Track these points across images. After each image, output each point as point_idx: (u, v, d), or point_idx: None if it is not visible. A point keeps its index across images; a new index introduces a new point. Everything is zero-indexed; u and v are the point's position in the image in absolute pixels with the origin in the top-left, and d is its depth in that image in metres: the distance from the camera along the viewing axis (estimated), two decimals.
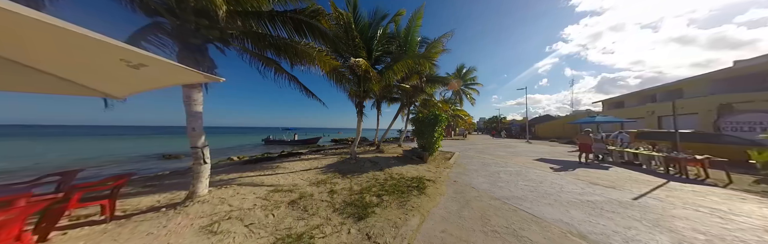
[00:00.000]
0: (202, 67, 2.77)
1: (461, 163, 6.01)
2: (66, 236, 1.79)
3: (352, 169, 4.88)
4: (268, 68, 4.17)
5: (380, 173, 4.47)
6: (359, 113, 6.08)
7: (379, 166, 5.27)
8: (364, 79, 5.43)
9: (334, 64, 3.95)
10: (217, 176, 4.07)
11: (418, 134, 6.69)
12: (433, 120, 6.10)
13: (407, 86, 7.61)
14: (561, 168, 5.23)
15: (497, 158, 6.95)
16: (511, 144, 13.06)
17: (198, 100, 2.72)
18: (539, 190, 3.35)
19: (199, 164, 2.67)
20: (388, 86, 7.30)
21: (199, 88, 2.74)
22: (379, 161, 5.80)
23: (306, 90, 5.00)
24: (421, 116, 6.65)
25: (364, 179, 3.99)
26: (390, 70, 5.51)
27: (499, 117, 42.31)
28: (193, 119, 2.66)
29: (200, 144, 2.70)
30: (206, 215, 2.26)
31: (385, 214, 2.40)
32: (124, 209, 2.39)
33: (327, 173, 4.46)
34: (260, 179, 3.91)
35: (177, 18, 2.47)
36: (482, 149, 10.13)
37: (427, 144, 6.15)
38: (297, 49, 3.44)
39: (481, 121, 72.99)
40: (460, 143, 13.68)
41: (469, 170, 5.03)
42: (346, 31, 5.30)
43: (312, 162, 5.80)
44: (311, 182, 3.75)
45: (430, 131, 6.04)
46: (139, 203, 2.61)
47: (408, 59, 5.50)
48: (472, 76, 18.57)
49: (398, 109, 9.85)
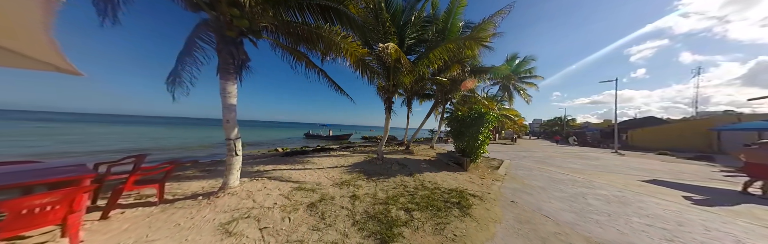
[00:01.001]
0: (237, 60, 2.79)
1: (516, 175, 4.76)
2: (122, 216, 2.00)
3: (378, 171, 4.46)
4: (298, 62, 4.13)
5: (409, 179, 3.88)
6: (387, 110, 5.54)
7: (408, 170, 4.67)
8: (393, 71, 4.81)
9: (360, 52, 3.46)
10: (256, 167, 4.38)
11: (456, 136, 5.69)
12: (477, 119, 4.99)
13: (444, 79, 6.52)
14: (709, 201, 3.28)
15: (572, 173, 5.24)
16: (588, 154, 10.08)
17: (232, 93, 2.75)
18: (684, 239, 2.02)
19: (232, 156, 2.73)
20: (421, 79, 6.45)
21: (233, 80, 2.77)
22: (408, 164, 5.19)
23: (335, 85, 4.83)
24: (461, 114, 5.60)
25: (391, 185, 3.49)
26: (425, 60, 4.67)
27: (565, 119, 33.24)
28: (228, 111, 2.71)
29: (233, 136, 2.75)
30: (229, 210, 2.23)
31: (417, 240, 1.82)
32: (175, 193, 2.66)
33: (352, 173, 4.19)
34: (289, 173, 3.95)
35: (214, 10, 2.50)
36: (542, 157, 8.08)
37: (469, 148, 5.11)
38: (323, 37, 3.15)
39: (535, 123, 60.99)
40: (508, 149, 11.52)
41: (531, 186, 3.84)
42: (375, 16, 4.71)
43: (339, 159, 5.72)
44: (335, 182, 3.52)
45: (472, 133, 4.98)
46: (189, 188, 2.90)
47: (449, 43, 4.49)
48: (528, 68, 15.15)
49: (431, 107, 8.84)
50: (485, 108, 5.44)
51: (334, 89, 4.96)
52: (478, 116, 4.98)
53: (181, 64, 3.33)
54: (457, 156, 5.32)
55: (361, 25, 3.35)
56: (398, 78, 4.99)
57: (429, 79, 6.61)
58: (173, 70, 3.32)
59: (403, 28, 5.41)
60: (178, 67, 3.32)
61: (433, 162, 5.73)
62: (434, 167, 5.14)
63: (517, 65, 14.65)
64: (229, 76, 2.74)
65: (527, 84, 15.42)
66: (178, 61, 3.30)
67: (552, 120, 36.62)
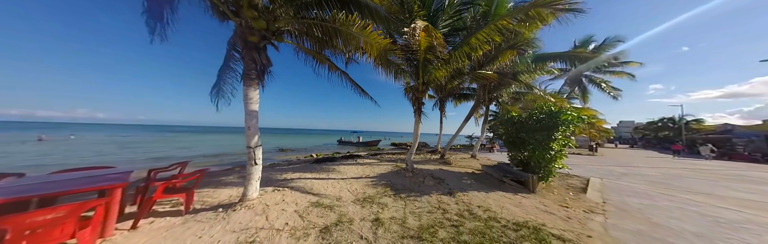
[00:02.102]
0: (258, 65, 2.75)
1: (626, 205, 3.13)
2: (149, 226, 2.02)
3: (408, 185, 3.72)
4: (321, 65, 4.01)
5: (449, 200, 2.99)
6: (417, 113, 4.75)
7: (446, 185, 3.74)
8: (423, 66, 4.05)
9: (382, 43, 2.91)
10: (285, 174, 4.38)
11: (512, 143, 4.37)
12: (545, 120, 3.65)
13: (489, 73, 5.25)
14: None
15: (746, 209, 3.10)
16: (751, 174, 6.36)
17: (254, 99, 2.70)
18: None
19: (251, 166, 2.62)
20: (458, 75, 5.38)
21: (255, 86, 2.73)
22: (445, 178, 4.23)
23: (358, 87, 4.52)
24: (521, 115, 4.29)
25: (425, 206, 2.72)
26: (465, 47, 3.72)
27: (682, 119, 20.70)
28: (249, 118, 2.65)
29: (253, 144, 2.65)
30: (238, 230, 2.00)
31: None
32: (204, 202, 2.70)
33: (377, 186, 3.60)
34: (312, 183, 3.71)
35: (238, 16, 2.54)
36: (660, 177, 5.47)
37: (534, 160, 3.77)
38: (341, 31, 2.83)
39: (622, 126, 45.95)
40: (588, 161, 8.50)
41: (673, 230, 2.32)
42: (401, 3, 4.10)
43: (365, 168, 5.26)
44: (357, 198, 3.01)
45: (540, 139, 3.65)
46: (219, 196, 2.94)
47: (501, 20, 3.31)
48: (612, 53, 11.31)
49: (471, 109, 7.47)
50: (553, 106, 3.98)
51: (357, 93, 4.68)
52: (547, 117, 3.65)
53: (222, 77, 3.66)
54: (515, 171, 4.01)
55: (384, 17, 2.90)
56: (430, 74, 4.23)
57: (469, 73, 5.35)
58: (216, 83, 3.68)
59: (435, 15, 4.59)
60: (219, 80, 3.67)
61: (479, 177, 4.53)
62: (482, 183, 3.99)
63: (595, 50, 11.12)
64: (251, 81, 2.71)
65: (615, 74, 11.20)
66: (219, 75, 3.64)
67: (655, 122, 25.19)
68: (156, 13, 2.68)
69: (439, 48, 3.28)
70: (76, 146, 12.58)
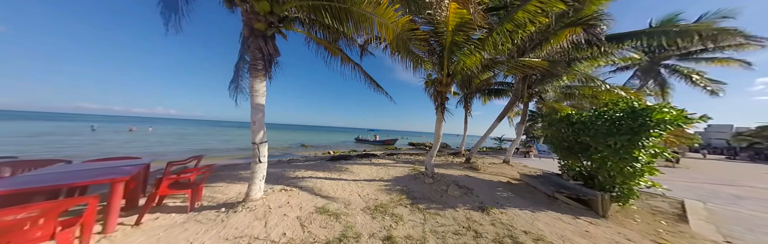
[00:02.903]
0: (265, 55, 2.53)
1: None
2: (152, 223, 1.95)
3: (428, 193, 3.16)
4: (333, 57, 3.68)
5: (482, 218, 2.37)
6: (440, 109, 4.03)
7: (476, 198, 3.06)
8: (449, 52, 3.34)
9: (399, 23, 2.26)
10: (298, 171, 4.26)
11: (569, 150, 3.41)
12: (629, 122, 2.65)
13: (537, 61, 4.13)
14: None
15: None
16: None
17: (260, 91, 2.50)
18: None
19: (256, 163, 2.43)
20: (491, 65, 4.35)
21: (262, 77, 2.52)
22: (474, 188, 3.53)
23: (372, 81, 4.09)
24: (581, 114, 3.29)
25: (450, 225, 2.17)
26: (507, 24, 2.89)
27: None
28: (255, 112, 2.45)
29: (258, 140, 2.45)
30: (232, 237, 1.78)
31: None
32: (212, 198, 2.62)
33: (391, 192, 3.15)
34: (322, 184, 3.45)
35: (245, 2, 2.33)
36: None
37: (606, 174, 2.82)
38: (352, 12, 2.39)
39: (712, 130, 35.56)
40: (670, 175, 6.28)
41: None
42: None
43: (380, 169, 4.84)
44: (367, 205, 2.61)
45: (617, 147, 2.67)
46: (229, 192, 2.86)
47: None
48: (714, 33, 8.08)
49: (507, 105, 6.34)
50: (638, 102, 2.87)
51: (372, 88, 4.25)
52: (627, 116, 2.64)
53: (238, 72, 3.64)
54: (573, 185, 3.08)
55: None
56: (457, 63, 3.51)
57: (508, 61, 4.12)
58: (233, 78, 3.68)
59: None
60: (236, 75, 3.65)
61: (518, 189, 3.68)
62: (523, 198, 3.18)
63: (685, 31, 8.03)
64: (258, 73, 2.50)
65: (719, 62, 7.93)
66: (235, 69, 3.62)
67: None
68: (170, 2, 2.66)
69: (477, 21, 2.46)
70: (151, 136, 15.29)
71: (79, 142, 10.35)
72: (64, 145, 9.09)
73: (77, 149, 8.30)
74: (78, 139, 11.40)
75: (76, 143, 9.80)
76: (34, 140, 10.24)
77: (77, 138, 11.67)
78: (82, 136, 13.00)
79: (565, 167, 3.61)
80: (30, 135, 11.80)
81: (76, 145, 9.26)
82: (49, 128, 17.64)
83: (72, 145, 9.22)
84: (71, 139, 11.22)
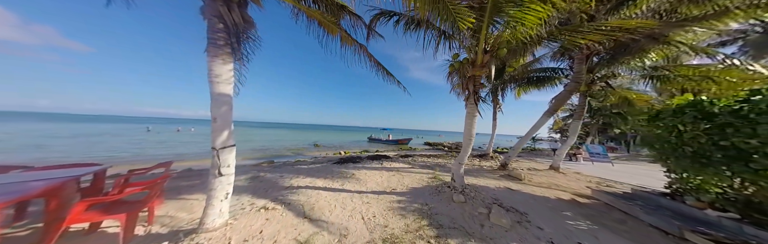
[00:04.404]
0: (230, 25, 1.83)
1: None
2: None
3: (459, 219, 2.17)
4: (331, 36, 2.87)
5: None
6: (470, 99, 2.93)
7: (539, 232, 2.01)
8: (492, 14, 2.23)
9: None
10: (293, 179, 3.58)
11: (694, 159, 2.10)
12: None
13: (644, 21, 2.26)
14: None
15: None
16: None
17: (223, 76, 1.79)
18: None
19: (214, 177, 1.74)
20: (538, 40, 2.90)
21: (226, 56, 1.82)
22: (527, 211, 2.43)
23: (381, 67, 3.22)
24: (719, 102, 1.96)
25: None
26: None
27: None
28: (216, 104, 1.75)
29: (219, 143, 1.76)
30: None
31: None
32: (172, 218, 2.02)
33: (406, 215, 2.24)
34: (318, 197, 2.70)
35: None
36: None
37: None
38: None
39: None
40: None
41: None
42: None
43: (392, 176, 3.94)
44: (371, 238, 1.77)
45: None
46: (196, 211, 2.20)
47: None
48: None
49: (561, 95, 4.81)
50: None
51: (380, 75, 3.36)
52: None
53: None
54: (718, 219, 1.83)
55: None
56: (503, 33, 2.39)
57: (581, 25, 2.60)
58: None
59: None
60: None
61: (594, 213, 2.48)
62: (614, 233, 2.02)
63: None
64: (218, 50, 1.79)
65: None
66: None
67: None
68: None
69: None
70: (195, 136, 16.42)
71: (125, 141, 11.58)
72: (120, 143, 10.31)
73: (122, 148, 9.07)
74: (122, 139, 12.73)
75: (124, 141, 11.01)
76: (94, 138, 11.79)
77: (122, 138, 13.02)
78: (133, 136, 14.58)
79: (688, 185, 2.28)
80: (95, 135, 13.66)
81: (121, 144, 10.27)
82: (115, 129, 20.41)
83: (123, 143, 10.30)
84: (120, 138, 12.60)
